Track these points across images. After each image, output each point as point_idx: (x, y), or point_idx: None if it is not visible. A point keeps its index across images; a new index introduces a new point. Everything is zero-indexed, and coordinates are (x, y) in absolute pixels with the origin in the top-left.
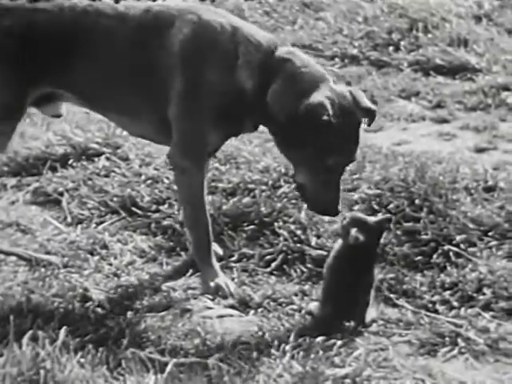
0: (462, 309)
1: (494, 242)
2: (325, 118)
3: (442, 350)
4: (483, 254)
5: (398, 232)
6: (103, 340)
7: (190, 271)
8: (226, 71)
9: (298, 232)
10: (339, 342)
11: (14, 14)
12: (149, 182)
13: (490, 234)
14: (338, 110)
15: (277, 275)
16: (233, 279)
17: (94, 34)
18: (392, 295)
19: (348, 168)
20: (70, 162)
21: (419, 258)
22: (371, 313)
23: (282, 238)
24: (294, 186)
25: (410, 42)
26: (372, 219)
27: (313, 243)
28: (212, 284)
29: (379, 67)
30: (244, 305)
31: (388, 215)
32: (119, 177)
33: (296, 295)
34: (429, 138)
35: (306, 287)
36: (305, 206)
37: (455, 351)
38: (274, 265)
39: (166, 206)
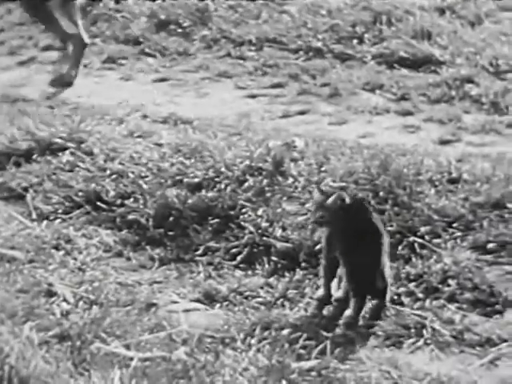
0: (427, 300)
1: (458, 233)
2: None
3: (408, 341)
4: (448, 245)
5: None
6: (68, 335)
7: (156, 265)
8: None
9: (264, 225)
10: (305, 335)
11: None
12: (113, 176)
13: (454, 225)
14: None
15: (242, 268)
16: (199, 273)
17: None
18: None
19: (313, 161)
20: (34, 157)
21: None
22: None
23: (247, 231)
24: None
25: (374, 35)
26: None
27: (278, 236)
28: None
29: (343, 60)
30: (210, 298)
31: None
32: (84, 171)
33: (262, 288)
34: (393, 130)
35: (272, 280)
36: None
37: (420, 343)
38: (239, 258)
39: (131, 200)
